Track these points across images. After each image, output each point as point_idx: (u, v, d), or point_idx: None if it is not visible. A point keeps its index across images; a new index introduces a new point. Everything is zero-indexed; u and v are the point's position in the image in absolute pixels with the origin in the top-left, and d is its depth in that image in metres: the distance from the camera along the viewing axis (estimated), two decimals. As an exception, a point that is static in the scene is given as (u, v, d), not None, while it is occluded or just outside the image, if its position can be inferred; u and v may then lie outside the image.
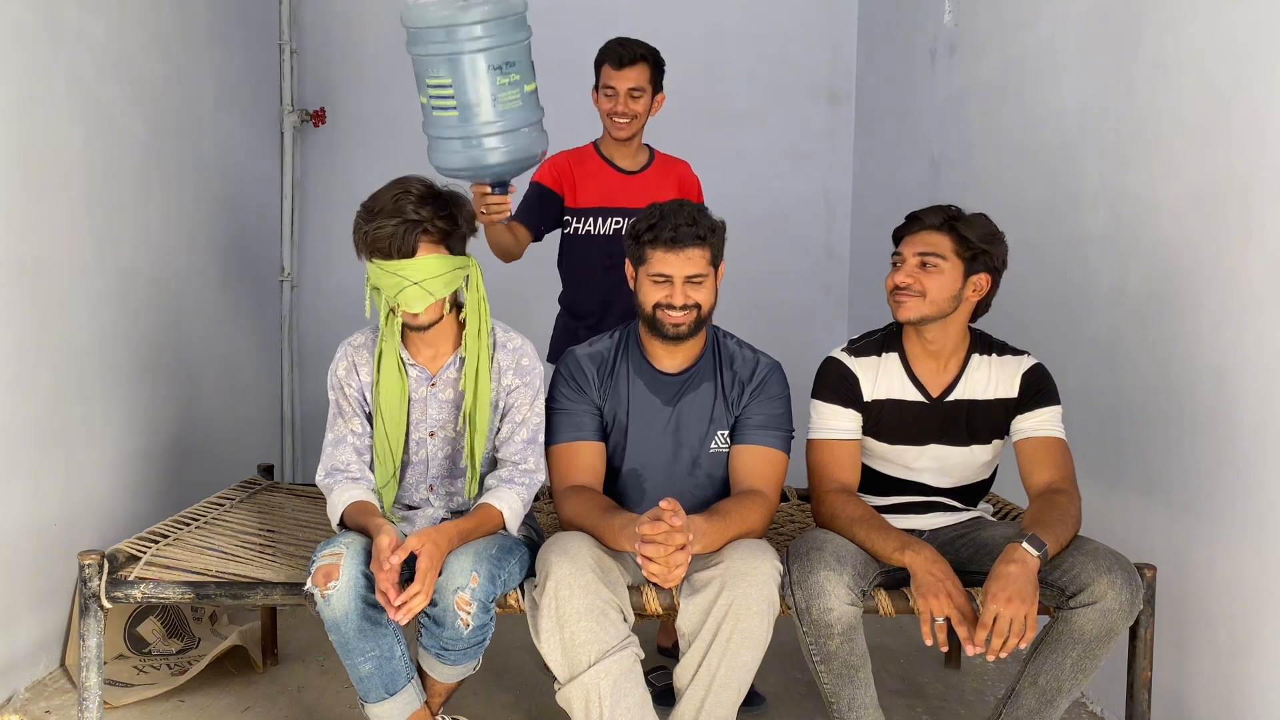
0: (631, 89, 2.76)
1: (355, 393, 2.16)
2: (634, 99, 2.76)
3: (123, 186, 2.95)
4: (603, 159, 2.86)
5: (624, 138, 2.81)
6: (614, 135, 2.82)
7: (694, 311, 2.13)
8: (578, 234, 2.84)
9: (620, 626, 1.95)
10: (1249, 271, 2.07)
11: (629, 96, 2.76)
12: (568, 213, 2.84)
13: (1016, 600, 1.82)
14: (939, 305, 2.11)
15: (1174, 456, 2.31)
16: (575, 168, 2.83)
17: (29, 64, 2.52)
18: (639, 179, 2.85)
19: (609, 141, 2.86)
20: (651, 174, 2.87)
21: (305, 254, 4.43)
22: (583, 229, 2.82)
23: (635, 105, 2.77)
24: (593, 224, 2.82)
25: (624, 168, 2.86)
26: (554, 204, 2.82)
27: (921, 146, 3.80)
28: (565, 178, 2.82)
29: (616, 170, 2.85)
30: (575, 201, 2.82)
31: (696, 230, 2.09)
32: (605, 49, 2.80)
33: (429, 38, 2.28)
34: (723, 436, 2.22)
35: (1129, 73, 2.49)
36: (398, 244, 1.98)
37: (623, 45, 2.77)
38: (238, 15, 3.81)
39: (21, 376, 2.51)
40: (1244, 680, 2.09)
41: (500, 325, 2.21)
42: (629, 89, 2.75)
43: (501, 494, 2.10)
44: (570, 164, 2.84)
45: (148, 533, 2.30)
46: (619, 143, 2.83)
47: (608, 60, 2.78)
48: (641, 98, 2.78)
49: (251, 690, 2.63)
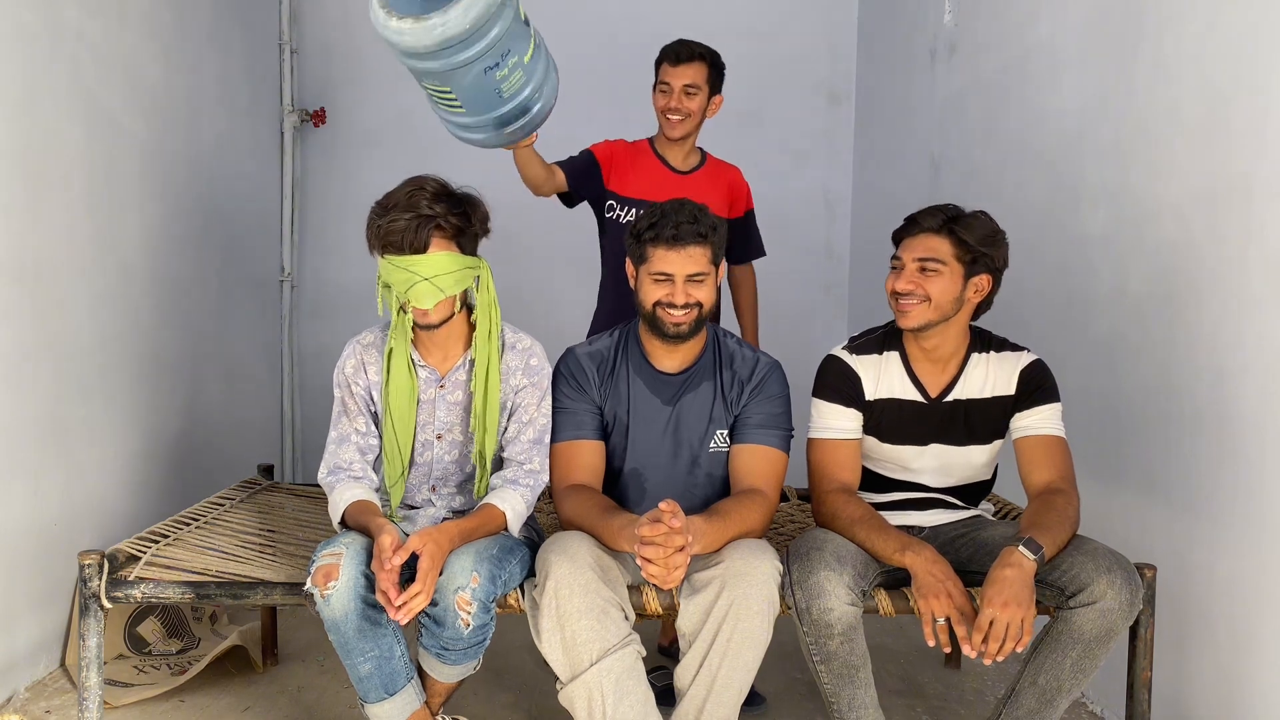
0: (687, 85, 2.75)
1: (362, 391, 2.17)
2: (689, 96, 2.76)
3: (123, 186, 2.95)
4: (656, 155, 2.87)
5: (678, 136, 2.80)
6: (668, 134, 2.81)
7: (695, 310, 2.12)
8: (618, 221, 2.84)
9: (621, 624, 1.95)
10: (1249, 271, 2.07)
11: (684, 93, 2.76)
12: (612, 197, 2.84)
13: (1013, 604, 1.82)
14: (942, 309, 2.11)
15: (1174, 456, 2.31)
16: (630, 156, 2.85)
17: (29, 64, 2.52)
18: (690, 179, 2.85)
19: (662, 139, 2.86)
20: (702, 176, 2.87)
21: (305, 254, 4.43)
22: (624, 216, 2.83)
23: (690, 103, 2.77)
24: (635, 214, 2.82)
25: (676, 166, 2.86)
26: (595, 176, 2.83)
27: (921, 146, 3.80)
28: (616, 160, 2.83)
29: (668, 168, 2.85)
30: (623, 188, 2.83)
31: (698, 228, 2.09)
32: (665, 48, 2.81)
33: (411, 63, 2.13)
34: (722, 436, 2.22)
35: (1129, 73, 2.49)
36: (410, 239, 1.98)
37: (681, 43, 2.79)
38: (238, 15, 3.81)
39: (21, 376, 2.51)
40: (1244, 680, 2.09)
41: (509, 326, 2.21)
42: (684, 85, 2.75)
43: (505, 494, 2.10)
44: (626, 152, 2.86)
45: (148, 533, 2.30)
46: (673, 141, 2.83)
47: (666, 57, 2.79)
48: (697, 95, 2.77)
49: (251, 690, 2.63)
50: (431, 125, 4.84)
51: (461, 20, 1.96)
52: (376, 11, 2.04)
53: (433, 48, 2.01)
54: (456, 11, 1.96)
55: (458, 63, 2.06)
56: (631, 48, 3.76)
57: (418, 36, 1.99)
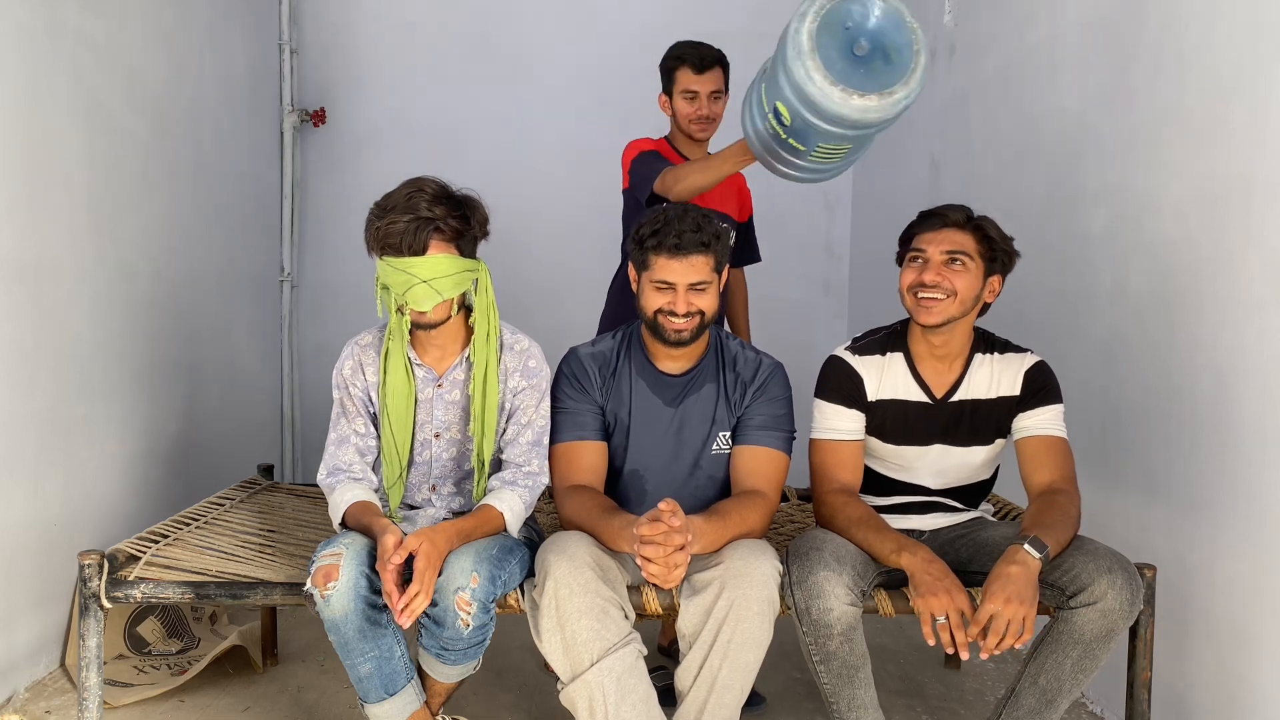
0: (713, 92, 2.75)
1: (360, 393, 2.17)
2: (715, 101, 2.76)
3: (123, 187, 2.95)
4: (680, 155, 2.85)
5: (706, 138, 2.81)
6: (696, 137, 2.80)
7: (696, 318, 2.12)
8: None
9: (622, 624, 1.94)
10: (1249, 271, 2.07)
11: (711, 99, 2.75)
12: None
13: (1015, 601, 1.82)
14: (964, 306, 2.10)
15: (1174, 456, 2.31)
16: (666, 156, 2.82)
17: (29, 64, 2.52)
18: None
19: (683, 139, 2.84)
20: None
21: (305, 254, 4.43)
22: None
23: (716, 108, 2.77)
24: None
25: None
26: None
27: (921, 146, 3.80)
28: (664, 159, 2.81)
29: None
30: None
31: (700, 237, 2.08)
32: (680, 54, 2.77)
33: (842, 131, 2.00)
34: (724, 438, 2.22)
35: (1129, 73, 2.49)
36: (409, 240, 1.98)
37: (698, 49, 2.76)
38: (238, 15, 3.81)
39: (21, 376, 2.51)
40: (1244, 680, 2.09)
41: (508, 327, 2.21)
42: (711, 92, 2.75)
43: (503, 495, 2.10)
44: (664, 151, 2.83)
45: (148, 533, 2.30)
46: (694, 143, 2.83)
47: (687, 64, 2.75)
48: (722, 99, 2.78)
49: (251, 690, 2.63)
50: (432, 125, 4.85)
51: (919, 86, 1.92)
52: (829, 91, 1.90)
53: (894, 119, 1.95)
54: (916, 80, 1.90)
55: (890, 123, 2.00)
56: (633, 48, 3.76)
57: (884, 111, 1.92)
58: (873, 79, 1.93)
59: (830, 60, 1.92)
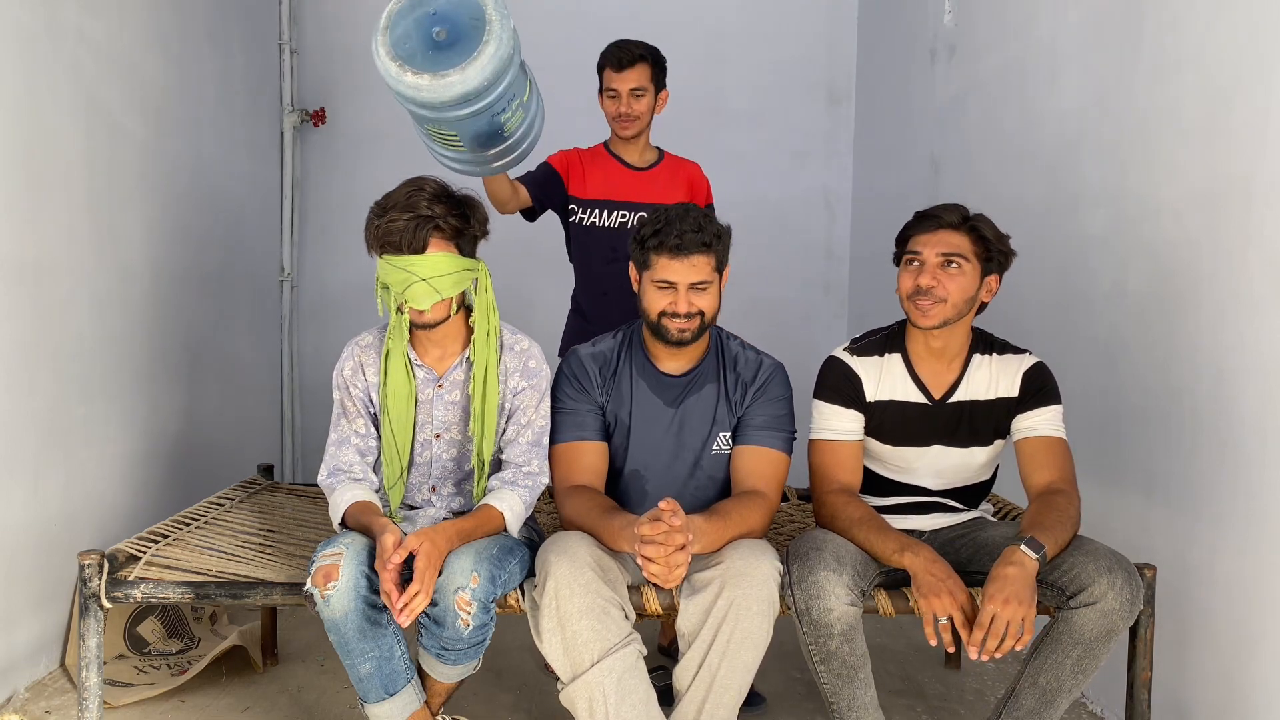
0: (634, 89, 2.80)
1: (361, 393, 2.17)
2: (636, 99, 2.81)
3: (123, 187, 2.95)
4: (612, 155, 2.91)
5: (630, 136, 2.85)
6: (620, 135, 2.87)
7: (698, 318, 2.12)
8: (582, 224, 2.88)
9: (622, 624, 1.94)
10: (1249, 271, 2.07)
11: (631, 97, 2.80)
12: (573, 201, 2.87)
13: (1014, 602, 1.82)
14: (959, 308, 2.10)
15: (1174, 456, 2.31)
16: (586, 161, 2.89)
17: (29, 64, 2.52)
18: (648, 175, 2.89)
19: (616, 140, 2.91)
20: (660, 172, 2.91)
21: (305, 254, 4.43)
22: (587, 219, 2.86)
23: (638, 105, 2.81)
24: (597, 215, 2.86)
25: (633, 164, 2.90)
26: (557, 185, 2.86)
27: (921, 147, 3.80)
28: (574, 167, 2.87)
29: (625, 166, 2.89)
30: (583, 191, 2.86)
31: (702, 237, 2.08)
32: (605, 53, 2.84)
33: (420, 112, 2.05)
34: (724, 438, 2.22)
35: (1129, 73, 2.49)
36: (409, 239, 1.99)
37: (621, 48, 2.82)
38: (238, 15, 3.81)
39: (21, 376, 2.51)
40: (1244, 680, 2.09)
41: (508, 327, 2.21)
42: (631, 90, 2.80)
43: (503, 495, 2.10)
44: (581, 157, 2.90)
45: (148, 533, 2.30)
46: (626, 141, 2.88)
47: (608, 63, 2.82)
48: (644, 97, 2.82)
49: (251, 690, 2.63)
50: (431, 125, 4.79)
51: (479, 76, 1.93)
52: (387, 64, 1.95)
53: (450, 103, 1.97)
54: (474, 69, 1.92)
55: (469, 113, 2.03)
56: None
57: (436, 93, 1.94)
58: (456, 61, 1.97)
59: (414, 50, 1.97)
